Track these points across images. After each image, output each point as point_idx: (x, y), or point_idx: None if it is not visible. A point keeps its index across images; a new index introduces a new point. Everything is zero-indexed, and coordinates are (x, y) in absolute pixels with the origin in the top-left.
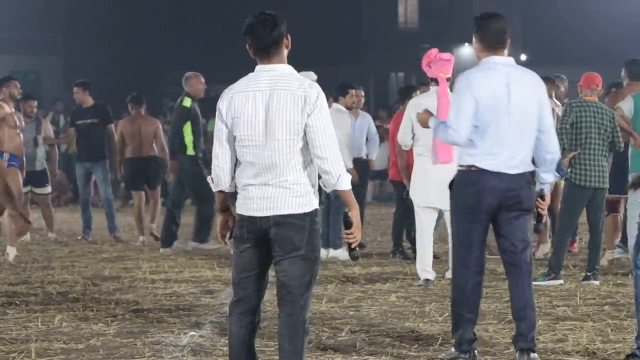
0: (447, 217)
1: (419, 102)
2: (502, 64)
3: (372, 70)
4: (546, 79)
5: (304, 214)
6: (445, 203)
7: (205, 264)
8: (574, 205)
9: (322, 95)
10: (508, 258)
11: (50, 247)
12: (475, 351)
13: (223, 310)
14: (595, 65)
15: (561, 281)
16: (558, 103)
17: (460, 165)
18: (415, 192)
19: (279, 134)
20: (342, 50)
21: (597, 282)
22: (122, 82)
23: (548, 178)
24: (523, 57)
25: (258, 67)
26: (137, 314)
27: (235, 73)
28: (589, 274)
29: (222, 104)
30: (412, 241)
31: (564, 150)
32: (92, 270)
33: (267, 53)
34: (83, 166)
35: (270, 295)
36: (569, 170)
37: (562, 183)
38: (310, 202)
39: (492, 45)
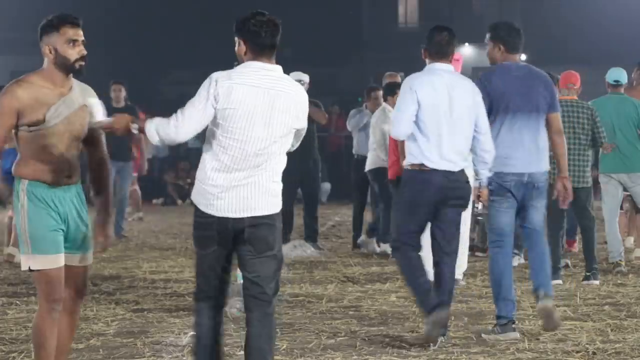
0: None
1: None
2: (444, 70)
3: (372, 70)
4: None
5: (276, 213)
6: None
7: None
8: (555, 204)
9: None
10: (440, 248)
11: None
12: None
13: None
14: (597, 65)
15: (559, 281)
16: None
17: (407, 164)
18: None
19: (276, 134)
20: (342, 50)
21: (597, 282)
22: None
23: (485, 173)
24: (523, 56)
25: (258, 65)
26: (137, 314)
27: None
28: (588, 273)
29: (220, 89)
30: None
31: None
32: (92, 270)
33: (268, 53)
34: (116, 164)
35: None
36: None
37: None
38: (280, 201)
39: (433, 53)
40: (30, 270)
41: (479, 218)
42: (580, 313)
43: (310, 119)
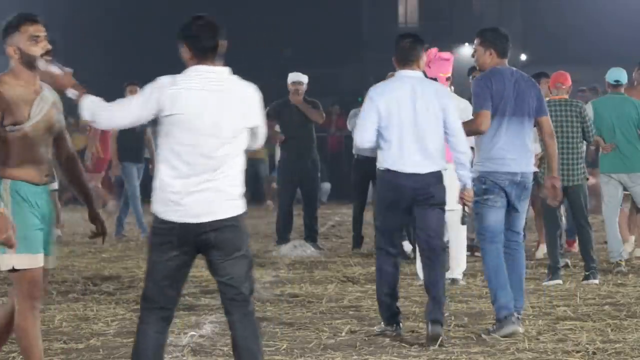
0: (447, 216)
1: None
2: (409, 77)
3: (372, 70)
4: (542, 75)
5: (239, 215)
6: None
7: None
8: (546, 205)
9: (260, 97)
10: (425, 245)
11: None
12: (401, 323)
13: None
14: (597, 65)
15: (559, 281)
16: None
17: (379, 168)
18: None
19: (227, 136)
20: (342, 50)
21: (596, 281)
22: (122, 82)
23: (464, 174)
24: (523, 57)
25: (203, 68)
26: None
27: (234, 73)
28: (587, 273)
29: (165, 96)
30: (413, 241)
31: None
32: (92, 270)
33: (212, 55)
34: (135, 165)
35: (269, 294)
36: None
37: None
38: (242, 203)
39: (399, 60)
40: (13, 269)
41: (466, 219)
42: (580, 313)
43: (308, 119)
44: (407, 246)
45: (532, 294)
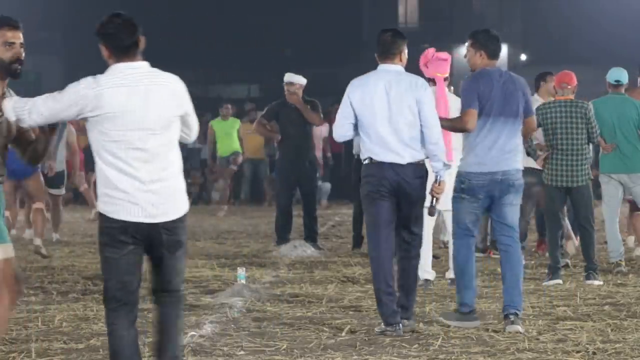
0: (447, 216)
1: None
2: (387, 70)
3: (371, 70)
4: (547, 74)
5: (186, 214)
6: (444, 204)
7: (205, 264)
8: (550, 205)
9: (184, 86)
10: (403, 238)
11: (50, 247)
12: (402, 322)
13: (223, 310)
14: (597, 65)
15: (559, 281)
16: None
17: (362, 159)
18: None
19: (157, 128)
20: (342, 50)
21: (597, 282)
22: None
23: (437, 166)
24: (523, 57)
25: (123, 65)
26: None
27: (235, 73)
28: (586, 273)
29: (89, 97)
30: None
31: (533, 153)
32: (92, 270)
33: (131, 52)
34: None
35: (270, 295)
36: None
37: None
38: (187, 199)
39: (380, 54)
40: None
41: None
42: (580, 313)
43: (305, 121)
44: None
45: (532, 294)
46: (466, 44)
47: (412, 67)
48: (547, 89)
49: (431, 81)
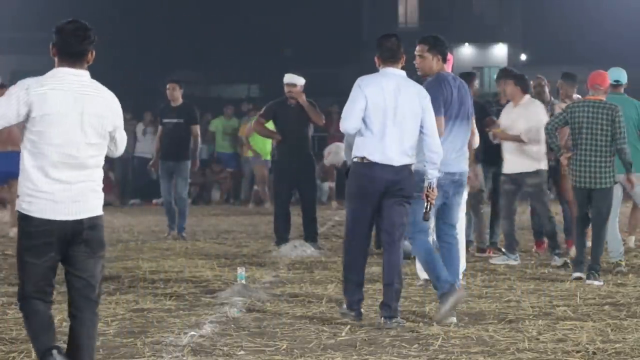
0: None
1: None
2: (394, 74)
3: (372, 70)
4: (569, 76)
5: (102, 215)
6: None
7: (205, 264)
8: (576, 204)
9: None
10: (386, 237)
11: None
12: (362, 310)
13: (223, 310)
14: (597, 65)
15: (601, 282)
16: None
17: (355, 157)
18: None
19: (90, 138)
20: (342, 50)
21: (597, 282)
22: (122, 82)
23: (434, 173)
24: (523, 57)
25: (65, 71)
26: (137, 314)
27: (235, 73)
28: (588, 272)
29: (33, 97)
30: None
31: (557, 149)
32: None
33: (77, 59)
34: (166, 165)
35: (269, 294)
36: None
37: None
38: (101, 205)
39: (386, 58)
40: None
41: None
42: (580, 313)
43: (304, 120)
44: (407, 246)
45: (532, 294)
46: (417, 49)
47: (413, 67)
48: (570, 91)
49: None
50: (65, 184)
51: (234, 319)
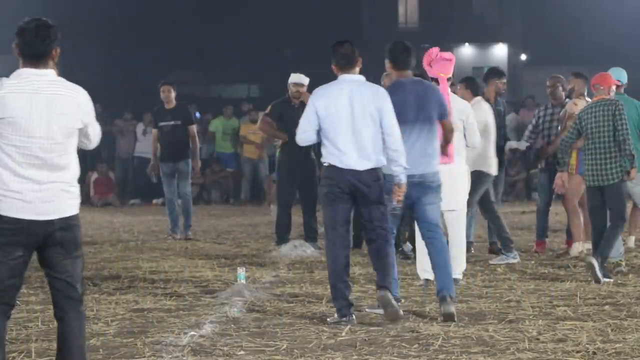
0: (448, 217)
1: None
2: (350, 80)
3: (371, 70)
4: (580, 74)
5: (77, 215)
6: (445, 203)
7: (205, 264)
8: (588, 203)
9: (89, 98)
10: (371, 235)
11: None
12: (353, 315)
13: (223, 310)
14: (597, 65)
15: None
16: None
17: (324, 162)
18: None
19: (58, 136)
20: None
21: (606, 279)
22: (121, 82)
23: (398, 170)
24: (523, 57)
25: (29, 71)
26: (137, 314)
27: (235, 73)
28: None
29: None
30: (412, 241)
31: (563, 165)
32: (92, 270)
33: (40, 59)
34: (167, 166)
35: (269, 294)
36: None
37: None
38: (78, 203)
39: (342, 65)
40: None
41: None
42: (580, 313)
43: None
44: (407, 246)
45: (532, 294)
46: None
47: (417, 67)
48: (579, 88)
49: (434, 81)
50: (35, 183)
51: (234, 319)
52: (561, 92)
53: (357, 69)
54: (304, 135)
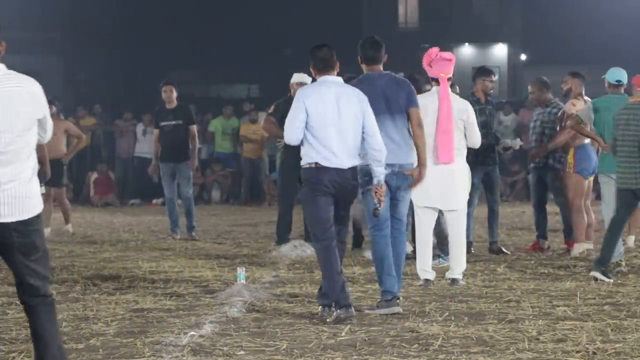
0: (448, 217)
1: (420, 103)
2: (332, 82)
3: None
4: (577, 74)
5: (38, 217)
6: (445, 203)
7: (205, 264)
8: (620, 206)
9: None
10: (337, 232)
11: (50, 247)
12: (352, 307)
13: (223, 310)
14: (598, 65)
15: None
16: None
17: (305, 164)
18: (415, 192)
19: (19, 128)
20: (342, 50)
21: (605, 279)
22: (122, 82)
23: (380, 170)
24: (523, 57)
25: None
26: (137, 314)
27: (235, 73)
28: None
29: None
30: (412, 241)
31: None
32: (92, 270)
33: None
34: (168, 166)
35: (269, 294)
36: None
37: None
38: (40, 202)
39: (321, 68)
40: None
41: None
42: (580, 313)
43: None
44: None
45: (532, 294)
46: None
47: (413, 66)
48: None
49: (434, 81)
50: None
51: (234, 319)
52: (545, 94)
53: (335, 72)
54: (295, 132)
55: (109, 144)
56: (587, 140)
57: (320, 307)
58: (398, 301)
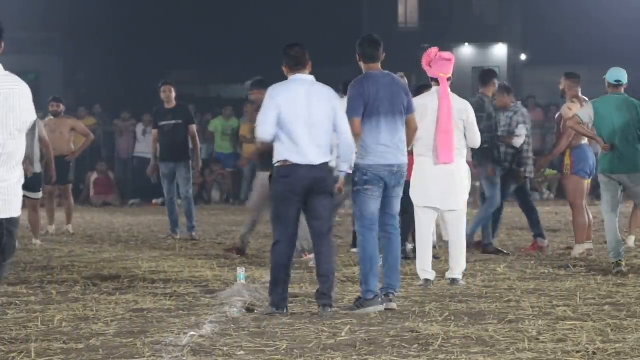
0: (448, 217)
1: (420, 103)
2: (303, 80)
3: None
4: (572, 75)
5: (18, 218)
6: (445, 203)
7: (205, 264)
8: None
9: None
10: (316, 230)
11: (50, 247)
12: (326, 308)
13: (223, 310)
14: (598, 65)
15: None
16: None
17: (277, 161)
18: (415, 192)
19: (12, 130)
20: (342, 50)
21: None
22: (122, 82)
23: (345, 167)
24: (523, 57)
25: None
26: (137, 314)
27: (235, 73)
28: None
29: None
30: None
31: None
32: (92, 270)
33: None
34: (167, 166)
35: (268, 294)
36: None
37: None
38: (19, 206)
39: (292, 66)
40: None
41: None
42: (580, 313)
43: None
44: (407, 246)
45: (532, 294)
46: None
47: (413, 66)
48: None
49: (434, 81)
50: None
51: (233, 319)
52: (506, 98)
53: (307, 71)
54: (266, 129)
55: (108, 144)
56: (585, 141)
57: (320, 307)
58: (380, 299)
